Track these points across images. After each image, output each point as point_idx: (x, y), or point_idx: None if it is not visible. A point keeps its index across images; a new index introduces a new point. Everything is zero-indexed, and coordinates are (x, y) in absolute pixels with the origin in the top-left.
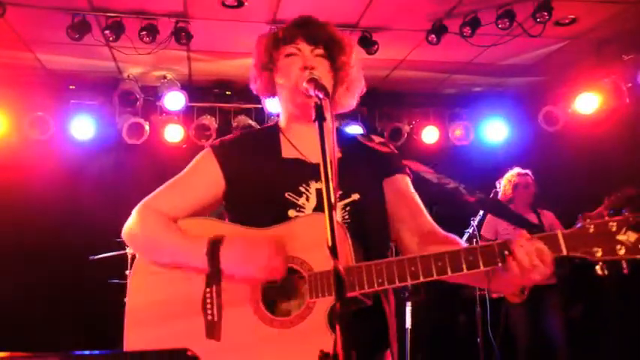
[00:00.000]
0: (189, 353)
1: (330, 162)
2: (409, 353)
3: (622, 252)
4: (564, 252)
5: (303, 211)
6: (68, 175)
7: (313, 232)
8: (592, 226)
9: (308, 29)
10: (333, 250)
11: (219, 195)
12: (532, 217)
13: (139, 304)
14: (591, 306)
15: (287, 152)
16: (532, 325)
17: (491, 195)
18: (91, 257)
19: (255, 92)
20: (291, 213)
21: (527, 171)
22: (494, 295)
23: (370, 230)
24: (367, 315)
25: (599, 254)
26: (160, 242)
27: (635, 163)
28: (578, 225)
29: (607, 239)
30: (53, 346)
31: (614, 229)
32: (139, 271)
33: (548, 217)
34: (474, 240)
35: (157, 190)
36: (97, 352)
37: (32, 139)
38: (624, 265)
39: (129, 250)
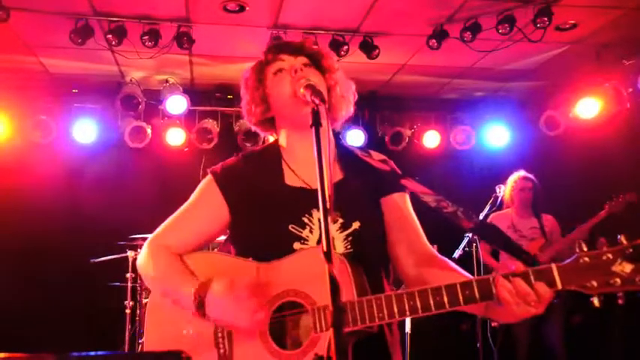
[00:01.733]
0: (183, 356)
1: (326, 175)
2: (409, 358)
3: (617, 284)
4: (559, 286)
5: (307, 244)
6: (71, 178)
7: (317, 266)
8: (587, 258)
9: (288, 45)
10: (328, 256)
11: (225, 224)
12: (534, 222)
13: (156, 341)
14: (592, 312)
15: (289, 179)
16: (532, 331)
17: (492, 199)
18: (93, 260)
19: (252, 125)
20: (296, 245)
21: (531, 176)
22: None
23: (372, 257)
24: (368, 346)
25: (594, 286)
26: (164, 286)
27: (636, 168)
28: (574, 257)
29: (602, 271)
30: (53, 348)
31: (609, 259)
32: (154, 307)
33: (550, 221)
34: (474, 244)
35: (165, 222)
36: (92, 353)
37: (35, 143)
38: (620, 295)
39: (130, 254)
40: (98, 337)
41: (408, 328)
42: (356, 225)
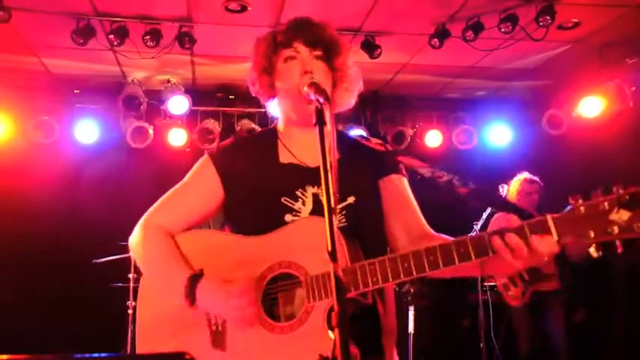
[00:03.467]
0: (187, 357)
1: (330, 167)
2: (412, 358)
3: (615, 232)
4: (555, 237)
5: (299, 216)
6: (72, 179)
7: (308, 236)
8: (583, 207)
9: (305, 32)
10: (333, 255)
11: (219, 203)
12: None
13: (148, 319)
14: (594, 310)
15: (284, 157)
16: (534, 330)
17: None
18: (95, 260)
19: (254, 95)
20: (288, 217)
21: (536, 178)
22: (489, 294)
23: (366, 232)
24: (359, 317)
25: (592, 236)
26: (154, 269)
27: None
28: (569, 207)
29: (599, 220)
30: (55, 349)
31: (605, 208)
32: (147, 286)
33: None
34: None
35: (159, 201)
36: (96, 354)
37: (37, 143)
38: (618, 244)
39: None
40: (100, 337)
41: (410, 328)
42: (350, 199)
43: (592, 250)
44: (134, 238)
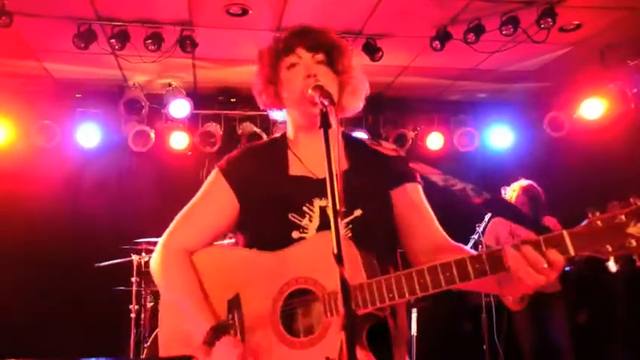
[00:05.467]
0: None
1: (335, 174)
2: None
3: (633, 245)
4: (572, 252)
5: (306, 232)
6: (74, 182)
7: (324, 251)
8: (599, 221)
9: (306, 37)
10: (339, 258)
11: (235, 216)
12: None
13: (170, 334)
14: (596, 311)
15: (294, 169)
16: (537, 333)
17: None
18: (97, 264)
19: (261, 106)
20: (295, 234)
21: (533, 185)
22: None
23: (375, 244)
24: (375, 331)
25: (609, 250)
26: (178, 302)
27: None
28: (586, 222)
29: (616, 233)
30: (58, 353)
31: (623, 221)
32: (167, 302)
33: (552, 223)
34: (479, 246)
35: (176, 220)
36: (102, 359)
37: (39, 147)
38: (636, 257)
39: (134, 258)
40: (103, 341)
41: (413, 330)
42: (357, 212)
43: (610, 265)
44: (155, 262)
